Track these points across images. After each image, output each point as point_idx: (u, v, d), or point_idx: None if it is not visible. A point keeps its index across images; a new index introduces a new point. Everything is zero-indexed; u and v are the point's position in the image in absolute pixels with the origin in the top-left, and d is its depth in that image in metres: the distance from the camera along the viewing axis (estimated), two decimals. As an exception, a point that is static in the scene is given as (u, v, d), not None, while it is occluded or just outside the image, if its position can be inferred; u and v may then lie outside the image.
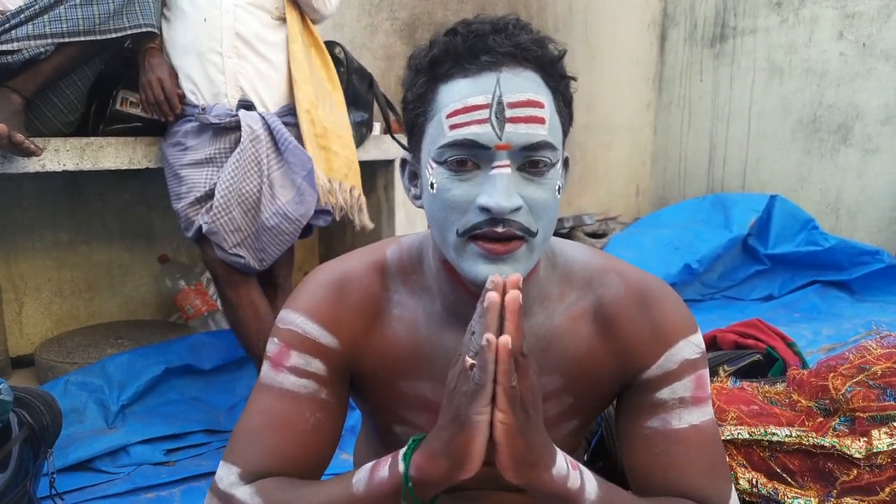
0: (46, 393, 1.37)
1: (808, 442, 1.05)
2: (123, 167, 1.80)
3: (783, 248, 3.29)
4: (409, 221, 2.45)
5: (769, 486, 1.05)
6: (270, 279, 1.87)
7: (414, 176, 0.78)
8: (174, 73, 1.73)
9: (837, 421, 1.08)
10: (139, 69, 1.72)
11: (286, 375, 0.76)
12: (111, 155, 1.78)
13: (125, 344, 2.10)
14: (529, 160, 0.66)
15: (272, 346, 0.79)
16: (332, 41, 2.11)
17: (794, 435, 1.06)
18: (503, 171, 0.65)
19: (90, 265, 2.36)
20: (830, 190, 3.69)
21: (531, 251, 0.68)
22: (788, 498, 1.03)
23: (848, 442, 1.03)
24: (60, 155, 1.69)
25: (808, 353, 2.21)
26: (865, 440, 1.02)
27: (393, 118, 2.24)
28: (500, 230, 0.65)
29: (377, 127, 2.33)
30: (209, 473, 1.66)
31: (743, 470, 1.07)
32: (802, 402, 1.15)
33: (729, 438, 1.09)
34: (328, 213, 1.86)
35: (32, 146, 1.57)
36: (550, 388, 0.79)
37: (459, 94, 0.66)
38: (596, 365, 0.79)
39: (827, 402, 1.12)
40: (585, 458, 1.18)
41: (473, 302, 0.74)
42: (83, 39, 1.59)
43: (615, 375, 0.79)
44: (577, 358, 0.78)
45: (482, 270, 0.67)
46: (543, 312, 0.78)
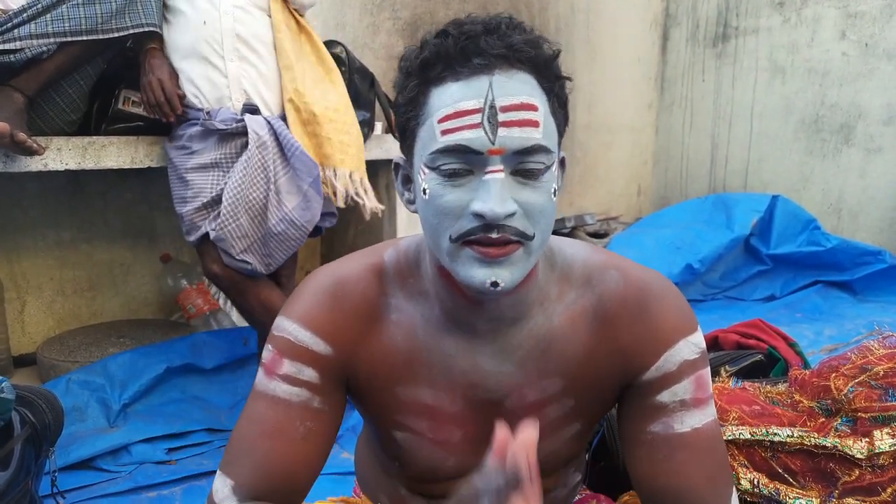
0: (48, 391, 1.37)
1: (809, 442, 1.05)
2: (126, 166, 1.80)
3: (785, 248, 3.29)
4: (410, 221, 2.45)
5: (771, 486, 1.05)
6: (273, 278, 1.87)
7: (407, 180, 0.77)
8: (174, 73, 1.73)
9: (839, 421, 1.07)
10: (140, 69, 1.72)
11: (278, 383, 0.76)
12: (113, 154, 1.78)
13: (127, 343, 2.10)
14: (524, 164, 0.65)
15: (266, 353, 0.78)
16: (333, 40, 2.11)
17: (795, 435, 1.06)
18: (496, 176, 0.64)
19: (92, 264, 2.36)
20: (832, 190, 3.68)
21: (528, 254, 0.67)
22: (790, 498, 1.03)
23: (850, 442, 1.03)
24: (63, 154, 1.69)
25: (809, 353, 2.20)
26: (867, 441, 1.02)
27: (395, 118, 2.23)
28: (494, 236, 0.64)
29: (379, 126, 2.33)
30: (210, 472, 1.66)
31: (744, 470, 1.07)
32: (804, 402, 1.15)
33: (731, 438, 1.08)
34: (333, 214, 1.86)
35: (35, 145, 1.57)
36: (551, 391, 0.78)
37: (451, 98, 0.65)
38: (596, 366, 0.78)
39: (829, 402, 1.12)
40: (587, 457, 1.18)
41: (471, 307, 0.74)
42: (85, 38, 1.59)
43: (615, 376, 0.78)
44: (576, 359, 0.78)
45: (477, 274, 0.66)
46: (543, 314, 0.77)
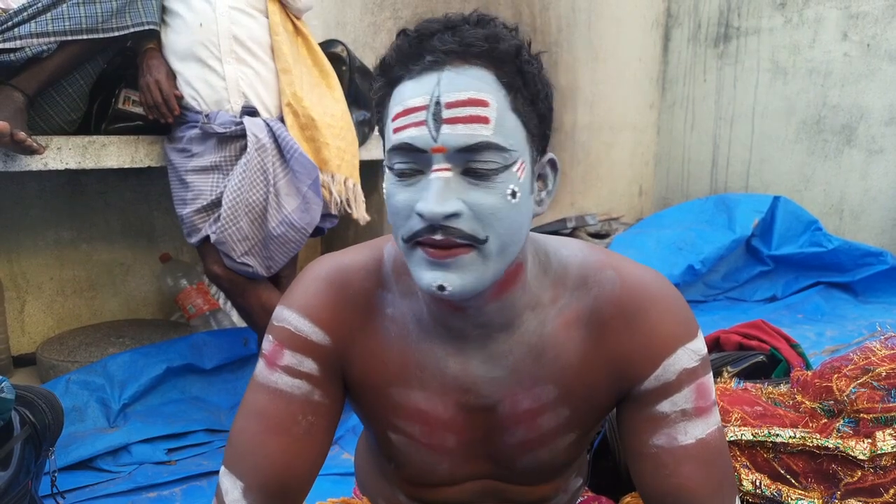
0: (48, 391, 1.36)
1: (811, 443, 1.05)
2: (126, 166, 1.80)
3: (787, 249, 3.29)
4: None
5: (773, 487, 1.05)
6: (274, 280, 1.86)
7: None
8: (172, 74, 1.72)
9: (841, 422, 1.07)
10: (139, 70, 1.72)
11: (280, 375, 0.76)
12: (113, 153, 1.78)
13: (127, 343, 2.10)
14: (473, 163, 0.62)
15: (267, 343, 0.78)
16: (334, 39, 2.11)
17: (797, 436, 1.06)
18: (440, 175, 0.62)
19: (92, 264, 2.36)
20: (834, 191, 3.68)
21: (484, 259, 0.64)
22: (792, 499, 1.03)
23: (852, 443, 1.02)
24: (63, 153, 1.69)
25: (811, 354, 2.20)
26: (869, 442, 1.02)
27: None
28: (437, 237, 0.62)
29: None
30: (210, 473, 1.66)
31: (746, 471, 1.06)
32: (806, 403, 1.15)
33: (732, 440, 1.08)
34: (334, 216, 1.86)
35: (35, 144, 1.57)
36: (545, 398, 0.76)
37: (402, 96, 0.64)
38: (592, 373, 0.75)
39: (831, 403, 1.12)
40: (589, 458, 1.17)
41: (455, 312, 0.73)
42: (86, 37, 1.59)
43: (611, 385, 0.76)
44: (571, 366, 0.75)
45: (426, 276, 0.64)
46: (535, 319, 0.75)
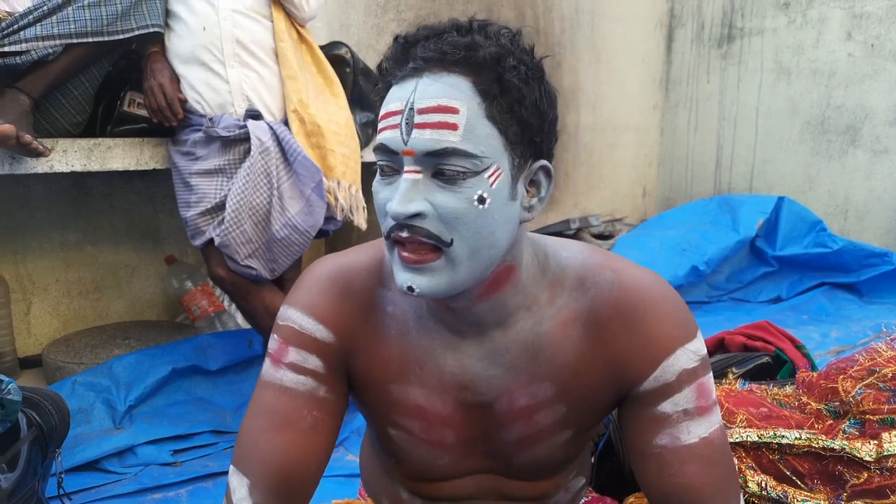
0: (55, 393, 1.37)
1: (817, 445, 1.05)
2: (131, 168, 1.81)
3: (791, 249, 3.28)
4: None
5: (778, 488, 1.04)
6: (278, 283, 1.86)
7: None
8: (176, 77, 1.73)
9: (847, 423, 1.07)
10: (143, 74, 1.72)
11: (285, 372, 0.77)
12: (118, 156, 1.78)
13: (132, 345, 2.11)
14: (440, 167, 0.64)
15: (272, 342, 0.79)
16: (338, 41, 2.11)
17: (803, 437, 1.06)
18: (409, 176, 0.65)
19: (97, 266, 2.37)
20: (838, 191, 3.67)
21: (452, 264, 0.66)
22: (798, 501, 1.03)
23: (858, 445, 1.02)
24: (68, 156, 1.70)
25: (816, 355, 2.19)
26: (876, 443, 1.01)
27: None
28: (404, 235, 0.66)
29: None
30: (216, 474, 1.66)
31: (752, 472, 1.06)
32: (812, 404, 1.15)
33: (738, 441, 1.08)
34: (337, 219, 1.86)
35: (40, 147, 1.58)
36: (542, 396, 0.77)
37: (387, 100, 0.68)
38: (589, 373, 0.76)
39: (836, 404, 1.11)
40: (593, 460, 1.17)
41: (447, 310, 0.75)
42: (91, 41, 1.59)
43: (610, 385, 0.76)
44: (568, 365, 0.76)
45: (400, 277, 0.68)
46: (531, 318, 0.76)
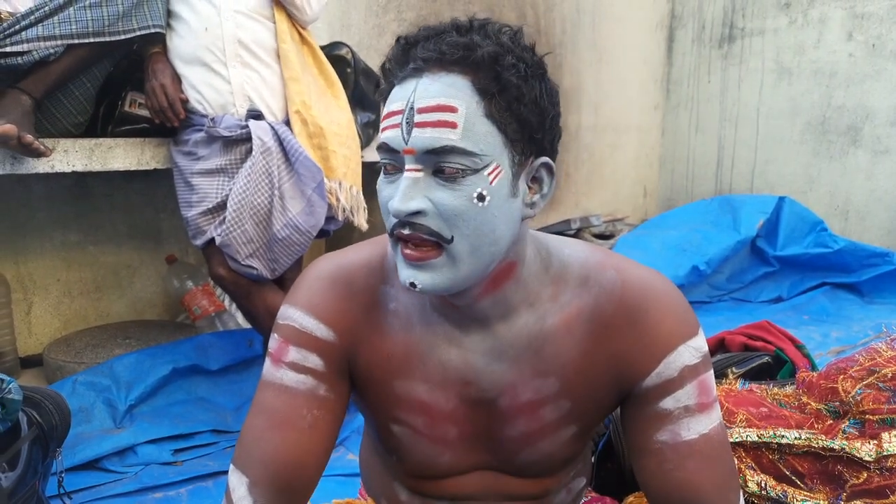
0: (55, 392, 1.37)
1: (817, 444, 1.05)
2: (132, 168, 1.81)
3: (792, 249, 3.28)
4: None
5: (778, 488, 1.04)
6: (279, 283, 1.87)
7: None
8: (177, 77, 1.73)
9: (847, 423, 1.07)
10: (144, 74, 1.73)
11: (285, 371, 0.77)
12: (120, 156, 1.79)
13: (133, 344, 2.11)
14: (440, 165, 0.65)
15: (273, 341, 0.80)
16: (339, 42, 2.11)
17: (803, 437, 1.06)
18: (410, 175, 0.66)
19: (98, 266, 2.37)
20: (839, 192, 3.67)
21: (453, 261, 0.67)
22: (797, 501, 1.03)
23: (858, 445, 1.02)
24: (69, 156, 1.70)
25: (816, 355, 2.19)
26: (875, 443, 1.01)
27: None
28: (405, 232, 0.67)
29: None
30: (216, 473, 1.66)
31: (752, 472, 1.06)
32: (812, 404, 1.15)
33: (738, 441, 1.08)
34: (338, 219, 1.86)
35: (42, 147, 1.58)
36: (546, 391, 0.78)
37: (389, 100, 0.70)
38: (593, 369, 0.77)
39: (836, 404, 1.11)
40: (593, 460, 1.17)
41: (452, 306, 0.75)
42: (92, 41, 1.59)
43: (613, 381, 0.77)
44: (572, 361, 0.77)
45: (403, 274, 0.69)
46: (534, 314, 0.77)
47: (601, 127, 4.05)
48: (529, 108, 0.67)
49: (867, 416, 1.05)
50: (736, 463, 0.88)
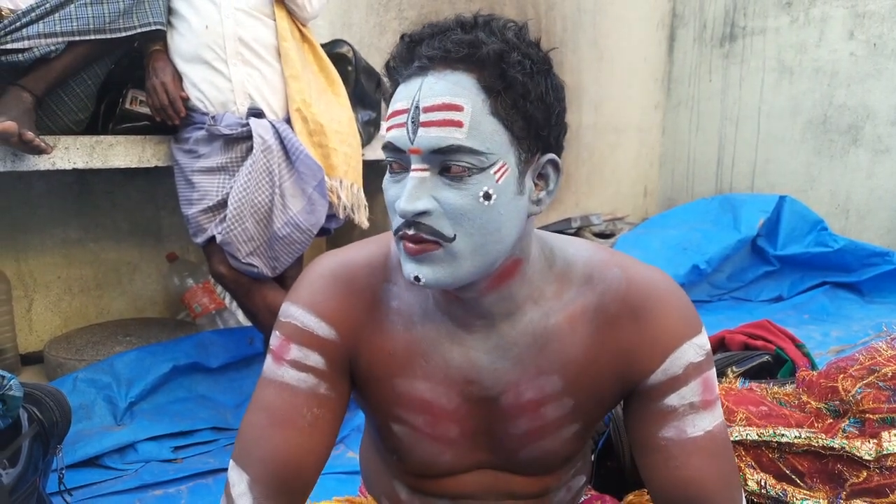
0: (56, 389, 1.37)
1: (817, 443, 1.05)
2: (133, 165, 1.81)
3: (792, 249, 3.28)
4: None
5: (778, 487, 1.05)
6: (279, 281, 1.87)
7: None
8: (178, 75, 1.73)
9: (847, 422, 1.07)
10: (145, 72, 1.73)
11: (286, 369, 0.77)
12: (121, 153, 1.78)
13: (133, 342, 2.11)
14: (447, 164, 0.65)
15: (274, 339, 0.79)
16: (340, 39, 2.11)
17: (803, 436, 1.06)
18: (416, 174, 0.66)
19: (99, 263, 2.37)
20: (840, 191, 3.67)
21: (453, 257, 0.67)
22: (797, 499, 1.03)
23: (858, 444, 1.02)
24: (70, 153, 1.70)
25: (816, 354, 2.19)
26: (875, 442, 1.02)
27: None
28: (410, 232, 0.67)
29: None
30: (216, 471, 1.66)
31: (752, 471, 1.06)
32: (812, 403, 1.15)
33: (738, 439, 1.08)
34: (339, 217, 1.86)
35: (43, 144, 1.58)
36: (550, 389, 0.78)
37: (395, 99, 0.69)
38: (597, 366, 0.77)
39: (836, 403, 1.11)
40: (593, 458, 1.17)
41: (455, 301, 0.75)
42: (93, 38, 1.59)
43: (617, 378, 0.77)
44: (576, 358, 0.77)
45: (407, 268, 0.69)
46: (538, 311, 0.77)
47: (602, 126, 4.05)
48: (535, 104, 0.67)
49: (867, 415, 1.05)
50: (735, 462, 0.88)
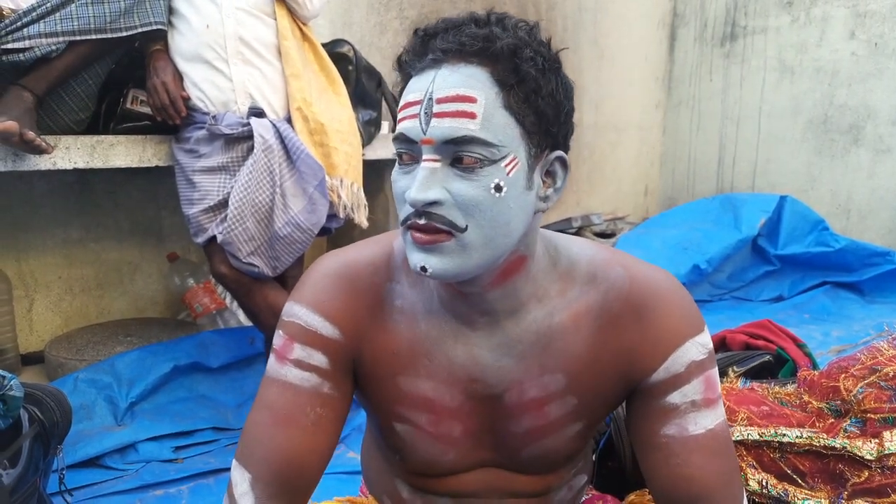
0: (56, 389, 1.37)
1: (818, 443, 1.05)
2: (133, 165, 1.81)
3: (793, 248, 3.28)
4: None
5: (779, 487, 1.04)
6: (280, 280, 1.87)
7: None
8: (179, 75, 1.73)
9: (848, 422, 1.07)
10: (146, 72, 1.73)
11: (290, 368, 0.77)
12: (121, 153, 1.78)
13: (134, 341, 2.11)
14: (458, 155, 0.65)
15: (277, 338, 0.79)
16: (340, 39, 2.11)
17: (804, 436, 1.06)
18: (427, 164, 0.66)
19: (100, 263, 2.37)
20: (841, 191, 3.66)
21: (463, 248, 0.67)
22: (798, 499, 1.03)
23: (859, 443, 1.02)
24: (71, 153, 1.70)
25: (817, 354, 2.19)
26: (877, 442, 1.01)
27: (401, 117, 2.23)
28: (421, 222, 0.67)
29: (385, 126, 2.33)
30: (217, 471, 1.66)
31: (753, 471, 1.06)
32: (813, 403, 1.15)
33: (739, 439, 1.08)
34: (339, 216, 1.86)
35: (44, 144, 1.58)
36: (553, 387, 0.78)
37: (407, 91, 0.69)
38: (600, 364, 0.77)
39: (838, 403, 1.11)
40: (594, 458, 1.17)
41: (461, 297, 0.76)
42: (94, 37, 1.59)
43: (620, 376, 0.78)
44: (580, 356, 0.77)
45: (414, 258, 0.68)
46: (542, 309, 0.77)
47: (602, 125, 4.05)
48: (546, 100, 0.68)
49: (868, 414, 1.05)
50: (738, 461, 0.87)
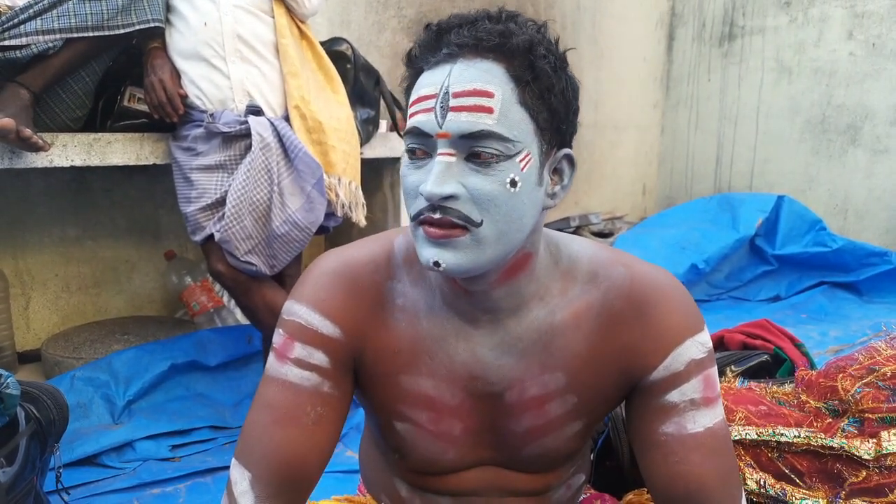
0: (53, 387, 1.37)
1: (816, 443, 1.05)
2: (131, 163, 1.81)
3: (791, 248, 3.28)
4: (415, 219, 2.44)
5: (777, 486, 1.05)
6: (278, 279, 1.86)
7: None
8: (176, 73, 1.72)
9: (846, 422, 1.07)
10: (143, 69, 1.72)
11: (290, 367, 0.77)
12: (119, 151, 1.78)
13: (131, 340, 2.11)
14: (474, 149, 0.65)
15: (277, 337, 0.79)
16: (339, 37, 2.11)
17: (802, 436, 1.06)
18: (443, 159, 0.66)
19: (97, 261, 2.37)
20: (839, 191, 3.67)
21: (478, 243, 0.67)
22: (796, 499, 1.03)
23: (857, 443, 1.02)
24: (68, 150, 1.69)
25: (815, 354, 2.19)
26: (875, 441, 1.01)
27: (399, 116, 2.23)
28: (436, 216, 0.66)
29: (383, 124, 2.33)
30: (214, 469, 1.66)
31: (751, 470, 1.06)
32: (811, 402, 1.15)
33: (737, 438, 1.08)
34: (337, 215, 1.86)
35: (40, 141, 1.57)
36: (553, 386, 0.78)
37: (419, 85, 0.69)
38: (600, 363, 0.77)
39: (836, 402, 1.11)
40: (592, 457, 1.17)
41: (464, 295, 0.75)
42: (91, 35, 1.59)
43: (620, 375, 0.78)
44: (580, 355, 0.77)
45: (425, 253, 0.68)
46: (544, 308, 0.77)
47: (601, 124, 4.05)
48: (559, 98, 0.68)
49: (866, 414, 1.05)
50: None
